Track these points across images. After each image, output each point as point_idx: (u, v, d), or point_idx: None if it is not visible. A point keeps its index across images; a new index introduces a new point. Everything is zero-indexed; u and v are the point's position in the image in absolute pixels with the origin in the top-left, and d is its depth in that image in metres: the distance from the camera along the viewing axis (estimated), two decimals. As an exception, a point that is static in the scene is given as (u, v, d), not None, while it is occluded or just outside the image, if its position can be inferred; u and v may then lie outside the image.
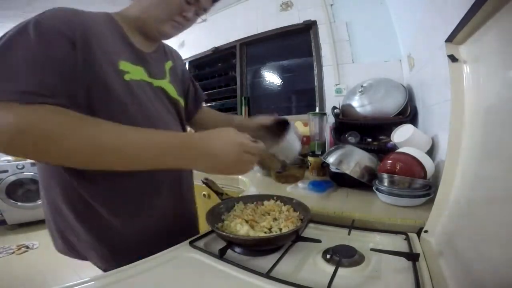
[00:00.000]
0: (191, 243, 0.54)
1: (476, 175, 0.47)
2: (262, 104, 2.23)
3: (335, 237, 0.58)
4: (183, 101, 0.74)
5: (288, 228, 0.53)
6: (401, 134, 1.00)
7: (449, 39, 0.57)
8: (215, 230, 0.51)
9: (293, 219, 0.57)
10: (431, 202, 0.58)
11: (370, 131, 1.33)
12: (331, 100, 1.70)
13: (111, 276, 0.42)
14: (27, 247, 2.30)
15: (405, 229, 0.58)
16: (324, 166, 1.12)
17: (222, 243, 0.51)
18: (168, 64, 0.70)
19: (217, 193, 0.71)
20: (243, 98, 2.22)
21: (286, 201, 0.65)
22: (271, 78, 2.19)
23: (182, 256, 0.50)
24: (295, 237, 0.52)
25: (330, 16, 1.73)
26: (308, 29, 1.84)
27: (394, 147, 1.05)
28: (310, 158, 1.18)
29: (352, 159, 0.89)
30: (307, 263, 0.48)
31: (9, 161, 2.76)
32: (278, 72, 2.15)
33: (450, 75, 0.56)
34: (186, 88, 0.80)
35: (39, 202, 2.74)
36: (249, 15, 2.15)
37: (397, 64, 1.50)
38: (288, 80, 2.09)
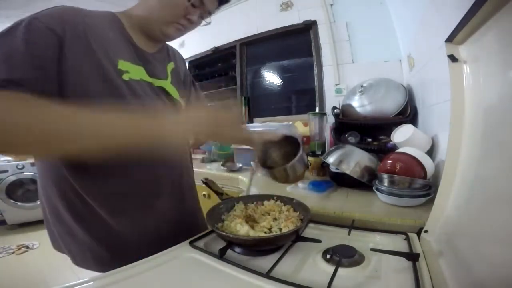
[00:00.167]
0: (191, 243, 0.54)
1: (476, 175, 0.47)
2: (262, 104, 2.24)
3: (335, 237, 0.58)
4: (184, 103, 0.73)
5: (288, 228, 0.53)
6: (401, 134, 1.00)
7: (449, 39, 0.57)
8: (215, 230, 0.51)
9: (293, 219, 0.57)
10: (431, 202, 0.58)
11: (370, 131, 1.33)
12: (331, 100, 1.70)
13: (111, 276, 0.42)
14: (27, 247, 2.30)
15: (405, 229, 0.58)
16: (324, 166, 1.12)
17: (222, 243, 0.51)
18: (170, 66, 0.70)
19: (217, 193, 0.71)
20: (243, 98, 2.22)
21: (286, 201, 0.65)
22: (271, 78, 2.19)
23: (182, 256, 0.50)
24: (295, 237, 0.52)
25: (330, 16, 1.73)
26: (308, 29, 1.84)
27: (394, 147, 1.05)
28: (310, 158, 1.18)
29: (352, 159, 0.89)
30: (307, 263, 0.48)
31: (9, 161, 2.75)
32: (278, 72, 2.15)
33: (450, 75, 0.56)
34: (187, 91, 0.80)
35: (39, 202, 2.73)
36: (249, 15, 2.15)
37: (397, 64, 1.50)
38: (288, 80, 2.09)
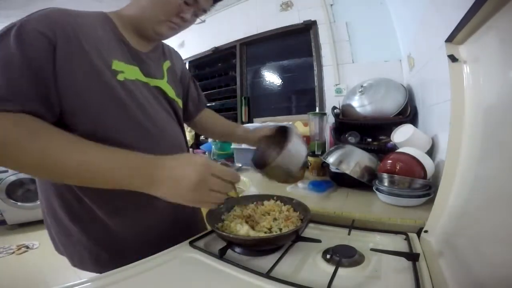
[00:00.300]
0: (191, 243, 0.54)
1: (476, 175, 0.47)
2: (262, 104, 2.23)
3: (335, 237, 0.58)
4: (181, 102, 0.73)
5: (288, 228, 0.53)
6: (401, 134, 1.00)
7: (449, 39, 0.57)
8: (215, 230, 0.51)
9: (293, 219, 0.57)
10: (431, 202, 0.58)
11: (370, 131, 1.33)
12: (331, 100, 1.70)
13: (111, 276, 0.42)
14: (27, 247, 2.30)
15: (405, 229, 0.58)
16: (324, 166, 1.12)
17: (222, 243, 0.51)
18: (166, 64, 0.69)
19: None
20: (243, 98, 2.22)
21: (286, 201, 0.65)
22: (271, 78, 2.19)
23: (182, 256, 0.50)
24: (295, 237, 0.52)
25: (330, 16, 1.73)
26: (308, 29, 1.84)
27: (394, 147, 1.05)
28: (310, 158, 1.18)
29: (352, 159, 0.89)
30: (307, 263, 0.48)
31: (9, 161, 2.75)
32: (278, 72, 2.15)
33: (450, 75, 0.56)
34: (186, 89, 0.79)
35: (39, 202, 2.73)
36: (249, 15, 2.15)
37: (397, 64, 1.50)
38: (288, 80, 2.09)
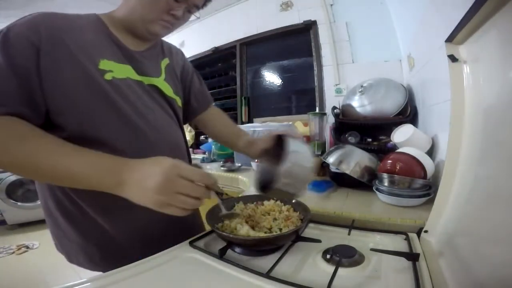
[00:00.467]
0: (191, 243, 0.54)
1: (476, 175, 0.47)
2: (262, 104, 2.24)
3: (335, 237, 0.58)
4: (181, 100, 0.71)
5: (288, 228, 0.53)
6: (401, 134, 1.00)
7: (449, 39, 0.57)
8: (215, 230, 0.51)
9: (293, 219, 0.57)
10: (431, 202, 0.58)
11: (370, 131, 1.33)
12: (331, 100, 1.70)
13: (111, 276, 0.42)
14: (27, 247, 2.30)
15: (405, 229, 0.58)
16: (324, 166, 1.12)
17: (222, 243, 0.51)
18: (164, 62, 0.68)
19: (217, 193, 0.70)
20: (243, 98, 2.22)
21: (286, 201, 0.65)
22: (271, 78, 2.19)
23: (182, 256, 0.50)
24: (295, 237, 0.52)
25: (330, 16, 1.73)
26: (308, 29, 1.84)
27: (394, 147, 1.05)
28: (310, 158, 1.18)
29: (352, 159, 0.89)
30: (307, 263, 0.48)
31: (9, 161, 2.75)
32: (278, 72, 2.15)
33: (450, 75, 0.56)
34: (188, 85, 0.77)
35: (39, 202, 2.73)
36: (249, 15, 2.15)
37: (397, 64, 1.50)
38: (288, 80, 2.09)
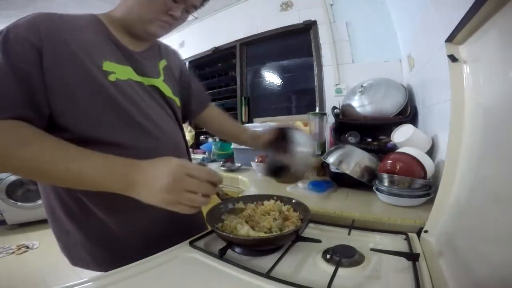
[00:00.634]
0: (191, 243, 0.54)
1: (476, 175, 0.47)
2: (262, 104, 2.23)
3: (335, 237, 0.58)
4: (180, 101, 0.72)
5: (288, 228, 0.53)
6: (401, 134, 1.00)
7: (449, 39, 0.57)
8: (215, 230, 0.51)
9: (293, 219, 0.57)
10: (431, 202, 0.58)
11: (370, 131, 1.34)
12: (331, 100, 1.70)
13: (111, 276, 0.42)
14: (27, 247, 2.30)
15: (405, 229, 0.58)
16: (324, 166, 1.12)
17: (222, 243, 0.51)
18: (162, 63, 0.68)
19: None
20: (243, 98, 2.22)
21: (286, 201, 0.65)
22: (271, 78, 2.19)
23: (182, 256, 0.50)
24: (295, 237, 0.52)
25: (330, 16, 1.73)
26: (308, 29, 1.84)
27: (394, 147, 1.05)
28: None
29: (352, 159, 0.89)
30: (307, 263, 0.48)
31: (9, 161, 2.75)
32: (278, 72, 2.15)
33: (450, 75, 0.56)
34: (186, 87, 0.78)
35: (39, 202, 2.73)
36: (249, 15, 2.15)
37: (397, 64, 1.50)
38: (288, 80, 2.09)
